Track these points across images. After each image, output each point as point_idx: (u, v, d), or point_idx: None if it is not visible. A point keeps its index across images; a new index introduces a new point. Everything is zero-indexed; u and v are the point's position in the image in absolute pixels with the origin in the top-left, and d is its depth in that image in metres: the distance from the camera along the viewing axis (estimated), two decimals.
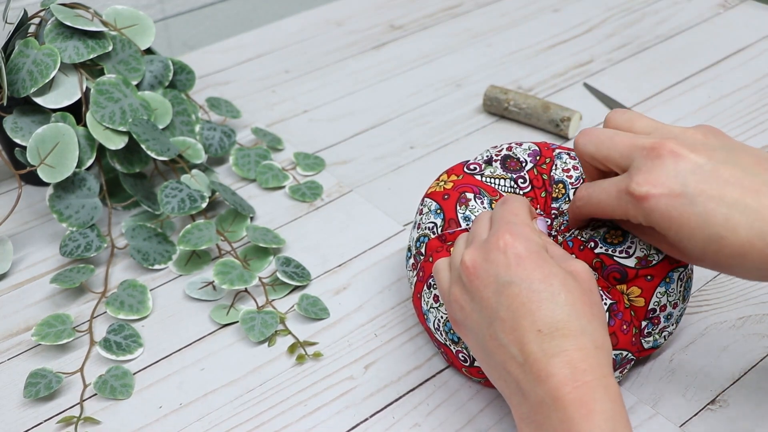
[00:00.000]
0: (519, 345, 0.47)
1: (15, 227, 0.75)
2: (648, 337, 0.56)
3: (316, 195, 0.78)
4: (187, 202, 0.70)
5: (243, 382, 0.60)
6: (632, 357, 0.56)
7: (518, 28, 1.04)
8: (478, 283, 0.50)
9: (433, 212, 0.60)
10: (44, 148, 0.68)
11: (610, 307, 0.54)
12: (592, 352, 0.46)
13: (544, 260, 0.48)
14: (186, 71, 0.80)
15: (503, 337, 0.48)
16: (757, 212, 0.45)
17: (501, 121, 0.87)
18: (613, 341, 0.53)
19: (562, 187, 0.60)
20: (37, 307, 0.67)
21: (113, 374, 0.61)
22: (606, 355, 0.47)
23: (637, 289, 0.55)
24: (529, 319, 0.47)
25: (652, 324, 0.56)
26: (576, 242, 0.56)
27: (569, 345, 0.46)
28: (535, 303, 0.47)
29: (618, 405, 0.45)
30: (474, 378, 0.57)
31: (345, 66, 0.98)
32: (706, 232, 0.46)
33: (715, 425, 0.55)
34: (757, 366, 0.59)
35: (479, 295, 0.49)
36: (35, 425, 0.58)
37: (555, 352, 0.46)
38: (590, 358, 0.46)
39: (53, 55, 0.69)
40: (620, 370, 0.56)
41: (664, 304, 0.55)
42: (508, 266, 0.48)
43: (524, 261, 0.48)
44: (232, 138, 0.81)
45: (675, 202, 0.46)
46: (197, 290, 0.68)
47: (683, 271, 0.56)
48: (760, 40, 0.99)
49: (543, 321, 0.47)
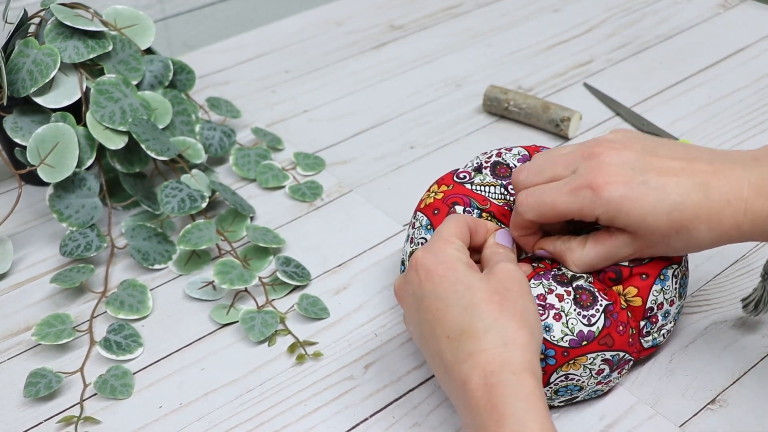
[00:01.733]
0: (438, 355, 0.49)
1: (15, 227, 0.75)
2: (647, 336, 0.56)
3: (316, 195, 0.78)
4: (187, 201, 0.70)
5: (243, 382, 0.60)
6: (630, 357, 0.55)
7: (518, 28, 1.04)
8: (404, 304, 0.53)
9: (424, 227, 0.60)
10: (44, 148, 0.68)
11: (606, 308, 0.54)
12: (501, 349, 0.46)
13: (452, 269, 0.50)
14: (186, 71, 0.80)
15: (427, 350, 0.50)
16: (699, 175, 0.50)
17: (501, 121, 0.87)
18: (609, 342, 0.53)
19: None
20: (37, 306, 0.67)
21: (113, 374, 0.61)
22: (519, 350, 0.46)
23: (634, 288, 0.55)
24: (439, 328, 0.48)
25: (650, 323, 0.56)
26: None
27: (475, 347, 0.47)
28: (442, 311, 0.48)
29: (531, 402, 0.45)
30: None
31: (345, 66, 0.98)
32: (666, 202, 0.49)
33: (715, 425, 0.55)
34: (757, 366, 0.59)
35: (408, 315, 0.52)
36: (35, 425, 0.58)
37: (464, 357, 0.47)
38: (499, 357, 0.46)
39: (53, 55, 0.69)
40: (618, 371, 0.56)
41: (661, 302, 0.56)
42: (419, 282, 0.50)
43: (431, 274, 0.50)
44: (232, 138, 0.81)
45: (631, 184, 0.50)
46: (197, 290, 0.68)
47: (677, 268, 0.56)
48: (760, 40, 0.99)
49: (450, 327, 0.48)
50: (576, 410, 0.57)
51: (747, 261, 0.68)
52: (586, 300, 0.53)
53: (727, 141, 0.82)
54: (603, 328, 0.53)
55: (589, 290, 0.54)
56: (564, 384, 0.54)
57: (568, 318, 0.53)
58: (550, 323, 0.53)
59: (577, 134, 0.84)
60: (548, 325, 0.53)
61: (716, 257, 0.68)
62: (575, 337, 0.52)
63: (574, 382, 0.54)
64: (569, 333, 0.52)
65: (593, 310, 0.53)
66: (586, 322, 0.53)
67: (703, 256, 0.68)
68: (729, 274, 0.67)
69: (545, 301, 0.53)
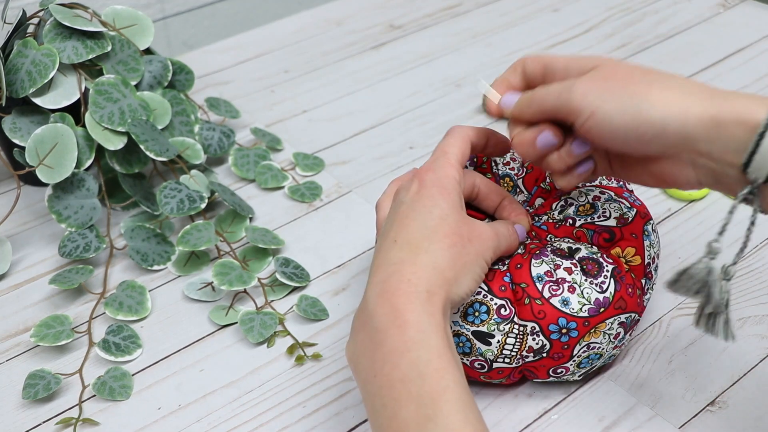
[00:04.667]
0: (379, 251, 0.50)
1: (14, 228, 0.75)
2: (647, 294, 0.58)
3: (315, 195, 0.78)
4: (186, 202, 0.70)
5: (242, 384, 0.60)
6: (638, 317, 0.57)
7: (518, 28, 1.04)
8: (390, 203, 0.55)
9: None
10: (43, 149, 0.68)
11: (613, 272, 0.55)
12: (428, 270, 0.48)
13: (443, 195, 0.51)
14: (185, 71, 0.80)
15: (377, 246, 0.51)
16: (672, 80, 0.47)
17: (501, 122, 0.87)
18: (623, 305, 0.54)
19: (509, 181, 0.62)
20: (35, 308, 0.67)
21: (112, 375, 0.60)
22: (443, 281, 0.48)
23: (632, 248, 0.56)
24: (396, 231, 0.50)
25: (648, 280, 0.58)
26: (549, 225, 0.58)
27: (408, 258, 0.48)
28: (408, 219, 0.50)
29: (435, 320, 0.46)
30: (494, 380, 0.57)
31: (344, 66, 0.98)
32: (634, 100, 0.47)
33: (714, 426, 0.55)
34: (756, 367, 0.59)
35: (387, 216, 0.54)
36: (34, 426, 0.58)
37: (394, 260, 0.48)
38: (424, 274, 0.47)
39: (52, 56, 0.69)
40: (629, 333, 0.57)
41: (653, 257, 0.58)
42: (410, 192, 0.51)
43: (424, 189, 0.51)
44: (231, 138, 0.81)
45: (607, 80, 0.48)
46: (196, 291, 0.67)
47: (652, 222, 0.59)
48: (760, 40, 0.98)
49: (403, 234, 0.49)
50: (576, 411, 0.57)
51: (747, 261, 0.68)
52: (592, 269, 0.54)
53: None
54: (615, 292, 0.54)
55: (592, 258, 0.55)
56: (586, 354, 0.55)
57: (582, 288, 0.54)
58: (567, 296, 0.53)
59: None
60: (565, 299, 0.53)
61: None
62: (593, 305, 0.53)
63: (595, 350, 0.55)
64: (587, 302, 0.53)
65: (602, 277, 0.54)
66: (599, 289, 0.54)
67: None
68: None
69: (555, 277, 0.54)
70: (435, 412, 0.43)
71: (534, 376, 0.57)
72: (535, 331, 0.53)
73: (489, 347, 0.54)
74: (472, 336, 0.54)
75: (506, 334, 0.53)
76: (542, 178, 0.62)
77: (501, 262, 0.55)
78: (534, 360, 0.54)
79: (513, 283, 0.54)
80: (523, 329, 0.53)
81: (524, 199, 0.61)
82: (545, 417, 0.57)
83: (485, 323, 0.53)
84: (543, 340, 0.53)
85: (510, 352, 0.54)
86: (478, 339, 0.54)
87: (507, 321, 0.53)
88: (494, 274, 0.54)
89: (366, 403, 0.47)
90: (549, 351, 0.54)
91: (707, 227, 0.71)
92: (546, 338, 0.53)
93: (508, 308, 0.53)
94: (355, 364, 0.48)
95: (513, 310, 0.53)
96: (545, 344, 0.53)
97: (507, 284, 0.54)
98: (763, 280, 0.66)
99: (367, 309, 0.47)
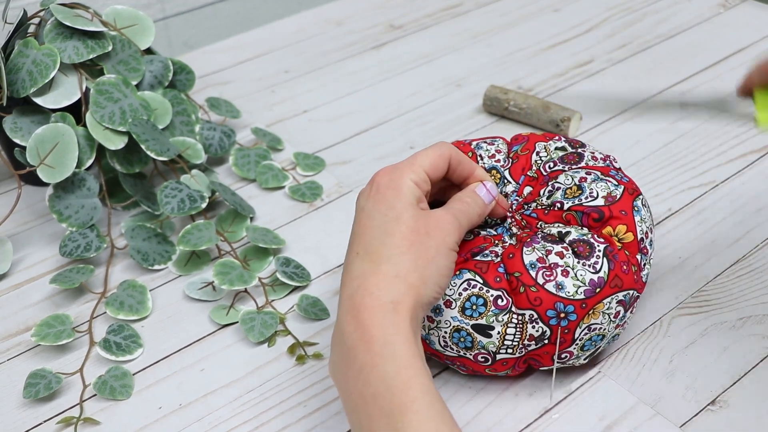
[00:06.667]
0: (345, 267, 0.50)
1: (14, 227, 0.75)
2: (644, 270, 0.58)
3: (316, 195, 0.78)
4: (187, 202, 0.70)
5: (243, 383, 0.60)
6: (638, 294, 0.57)
7: (518, 28, 1.04)
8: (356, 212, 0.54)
9: None
10: (44, 149, 0.68)
11: (605, 250, 0.55)
12: (391, 279, 0.47)
13: (396, 197, 0.50)
14: (186, 71, 0.80)
15: (345, 261, 0.51)
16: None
17: (501, 121, 0.87)
18: (619, 283, 0.54)
19: (496, 173, 0.62)
20: (36, 307, 0.67)
21: (113, 375, 0.60)
22: (406, 287, 0.47)
23: (623, 226, 0.56)
24: (356, 243, 0.50)
25: (643, 255, 0.58)
26: (539, 211, 0.58)
27: (370, 269, 0.48)
28: (366, 227, 0.50)
29: (401, 330, 0.46)
30: (500, 372, 0.57)
31: (344, 66, 0.98)
32: None
33: (715, 426, 0.55)
34: (757, 367, 0.59)
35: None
36: (35, 426, 0.58)
37: (357, 274, 0.48)
38: (386, 285, 0.47)
39: (53, 56, 0.69)
40: (630, 310, 0.57)
41: (646, 231, 0.58)
42: (368, 195, 0.51)
43: (378, 193, 0.51)
44: (231, 138, 0.81)
45: None
46: (197, 290, 0.67)
47: (642, 197, 0.59)
48: (760, 40, 0.98)
49: (363, 245, 0.49)
50: (576, 410, 0.57)
51: (747, 261, 0.68)
52: (584, 250, 0.55)
53: (728, 140, 0.82)
54: (610, 271, 0.54)
55: (583, 240, 0.55)
56: (588, 336, 0.55)
57: (576, 271, 0.54)
58: (561, 280, 0.53)
59: (577, 134, 0.84)
60: (560, 283, 0.53)
61: (715, 258, 0.68)
62: (588, 286, 0.53)
63: (597, 332, 0.55)
64: (582, 284, 0.53)
65: (594, 257, 0.54)
66: (593, 270, 0.54)
67: (703, 257, 0.68)
68: (729, 275, 0.67)
69: (547, 263, 0.54)
70: (404, 425, 0.43)
71: (539, 364, 0.57)
72: (533, 319, 0.53)
73: (490, 339, 0.54)
74: (472, 330, 0.54)
75: (506, 325, 0.54)
76: (528, 166, 0.62)
77: (494, 254, 0.56)
78: (537, 348, 0.54)
79: (507, 273, 0.54)
80: (522, 318, 0.54)
81: (513, 189, 0.61)
82: (546, 416, 0.57)
83: (484, 316, 0.54)
84: (542, 327, 0.53)
85: (512, 342, 0.54)
86: (478, 332, 0.54)
87: (505, 311, 0.54)
88: (488, 266, 0.55)
89: (348, 419, 0.47)
90: (550, 337, 0.54)
91: (707, 227, 0.71)
92: (545, 324, 0.53)
93: (505, 299, 0.54)
94: (335, 381, 0.49)
95: (510, 300, 0.54)
96: (545, 331, 0.54)
97: (502, 275, 0.54)
98: (763, 280, 0.66)
99: (339, 326, 0.48)
